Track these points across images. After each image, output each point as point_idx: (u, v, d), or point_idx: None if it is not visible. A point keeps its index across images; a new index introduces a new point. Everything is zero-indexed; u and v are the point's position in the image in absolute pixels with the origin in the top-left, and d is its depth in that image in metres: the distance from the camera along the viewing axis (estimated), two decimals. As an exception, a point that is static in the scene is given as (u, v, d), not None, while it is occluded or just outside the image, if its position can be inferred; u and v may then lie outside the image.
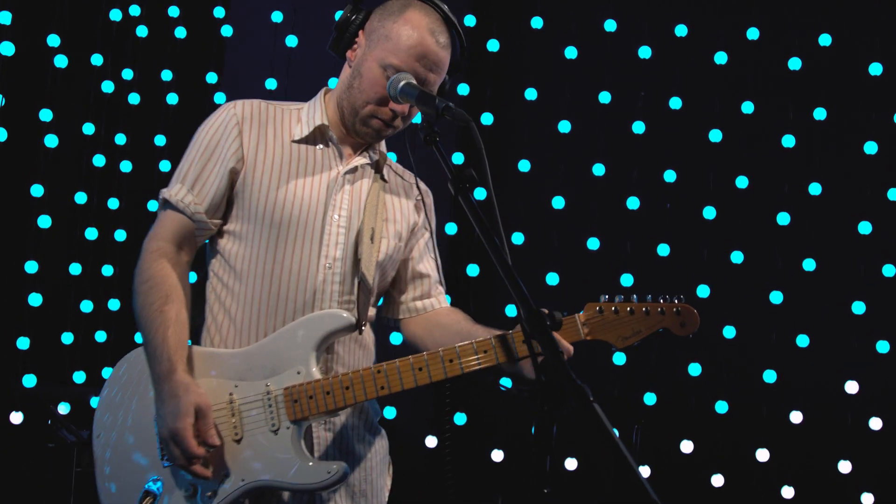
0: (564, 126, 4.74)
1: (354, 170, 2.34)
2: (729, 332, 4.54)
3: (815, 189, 4.54)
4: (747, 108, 4.60)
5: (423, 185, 2.48)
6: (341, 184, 2.32)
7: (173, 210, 2.28)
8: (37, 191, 4.54)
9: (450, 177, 1.94)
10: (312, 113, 2.34)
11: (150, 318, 2.19)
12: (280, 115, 2.34)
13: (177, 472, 2.17)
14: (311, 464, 2.15)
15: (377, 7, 2.33)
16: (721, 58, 4.61)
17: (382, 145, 2.43)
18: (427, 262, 2.51)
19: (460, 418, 4.66)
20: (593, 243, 4.69)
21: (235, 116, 2.29)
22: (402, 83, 2.16)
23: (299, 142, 2.32)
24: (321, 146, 2.33)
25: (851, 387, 4.44)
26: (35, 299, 4.51)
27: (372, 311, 2.40)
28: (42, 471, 4.12)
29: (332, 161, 2.33)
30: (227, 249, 2.30)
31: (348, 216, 2.31)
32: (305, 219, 2.26)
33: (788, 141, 4.54)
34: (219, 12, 4.89)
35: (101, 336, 4.76)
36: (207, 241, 2.36)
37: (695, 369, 4.52)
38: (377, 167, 2.41)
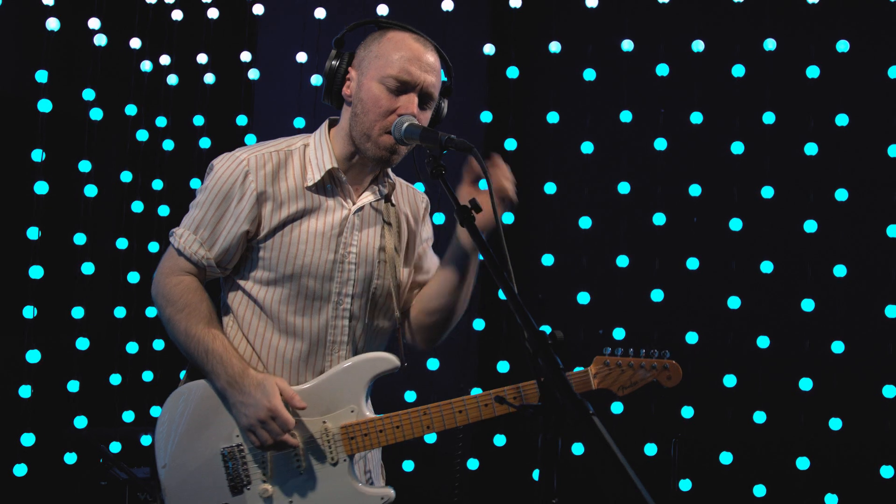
0: (587, 147, 4.80)
1: (363, 207, 2.44)
2: (763, 341, 4.55)
3: (841, 195, 4.55)
4: (768, 118, 4.63)
5: (420, 196, 2.62)
6: (352, 223, 2.41)
7: (185, 259, 2.41)
8: (79, 239, 4.70)
9: (455, 207, 2.03)
10: (321, 155, 2.41)
11: (200, 336, 2.35)
12: (289, 161, 2.40)
13: (244, 499, 2.34)
14: (366, 491, 2.39)
15: (359, 45, 2.43)
16: (739, 70, 4.65)
17: (391, 174, 2.52)
18: (426, 261, 2.63)
19: (500, 440, 4.72)
20: (622, 261, 4.74)
21: (250, 174, 2.36)
22: (405, 125, 2.26)
23: (312, 188, 2.40)
24: (332, 188, 2.42)
25: (889, 391, 4.42)
26: (83, 343, 4.66)
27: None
28: (96, 509, 4.28)
29: (343, 202, 2.42)
30: (249, 292, 2.43)
31: (358, 252, 2.42)
32: (318, 264, 2.38)
33: (811, 149, 4.56)
34: (245, 57, 5.05)
35: (147, 376, 4.90)
36: (222, 278, 2.49)
37: (730, 381, 4.54)
38: (387, 198, 2.50)
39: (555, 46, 4.86)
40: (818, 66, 4.56)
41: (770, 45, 4.65)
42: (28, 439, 4.43)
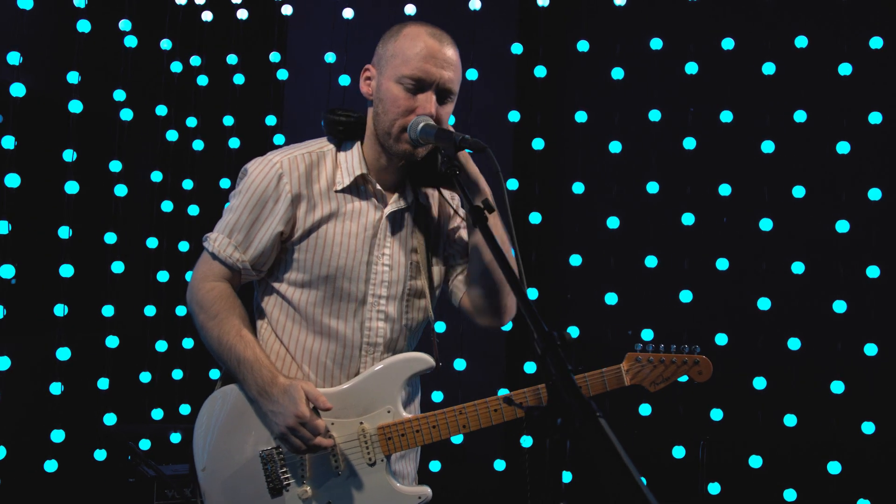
0: (616, 146, 4.77)
1: (396, 210, 2.44)
2: (794, 343, 4.49)
3: (874, 194, 4.48)
4: (800, 116, 4.56)
5: (448, 194, 2.58)
6: (385, 226, 2.41)
7: (220, 263, 2.41)
8: (110, 238, 4.75)
9: (468, 207, 2.02)
10: (351, 159, 2.41)
11: (233, 344, 2.36)
12: (322, 163, 2.40)
13: (282, 500, 2.36)
14: (403, 490, 2.40)
15: (378, 42, 2.43)
16: (769, 68, 4.60)
17: None
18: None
19: (527, 441, 4.70)
20: (651, 261, 4.70)
21: (285, 176, 2.35)
22: (420, 125, 2.25)
23: (342, 191, 2.40)
24: (364, 190, 2.41)
25: (924, 394, 4.35)
26: (112, 341, 4.71)
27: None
28: (124, 504, 4.33)
29: (375, 205, 2.42)
30: (284, 294, 2.43)
31: (392, 255, 2.42)
32: (352, 265, 2.38)
33: (843, 147, 4.49)
34: (275, 57, 5.08)
35: (177, 374, 4.94)
36: (257, 281, 2.49)
37: (760, 383, 4.48)
38: (417, 201, 2.50)
39: (583, 45, 4.84)
40: (850, 63, 4.48)
41: (801, 42, 4.59)
42: (58, 435, 4.48)
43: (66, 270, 4.53)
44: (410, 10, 4.85)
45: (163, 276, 4.91)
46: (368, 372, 2.40)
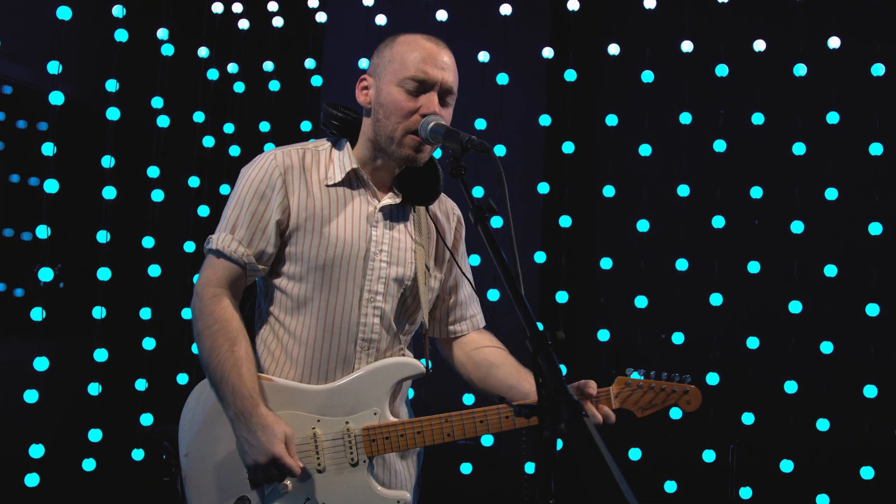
0: (646, 149, 4.76)
1: (389, 204, 2.46)
2: (826, 347, 4.44)
3: (908, 197, 4.43)
4: (832, 118, 4.52)
5: (451, 205, 2.62)
6: (378, 220, 2.44)
7: (226, 259, 2.40)
8: (147, 242, 4.86)
9: (471, 207, 2.05)
10: (343, 159, 2.45)
11: (221, 360, 2.33)
12: (314, 159, 2.45)
13: (262, 492, 2.36)
14: (383, 493, 2.40)
15: (372, 54, 2.46)
16: (800, 70, 4.56)
17: None
18: (462, 287, 2.65)
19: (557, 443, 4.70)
20: (682, 264, 4.68)
21: (278, 168, 2.39)
22: (430, 124, 2.28)
23: (335, 185, 2.43)
24: (357, 185, 2.45)
25: (960, 399, 4.28)
26: (149, 343, 4.81)
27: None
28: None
29: (367, 199, 2.45)
30: (280, 288, 2.45)
31: (389, 251, 2.44)
32: (349, 257, 2.40)
33: (876, 149, 4.44)
34: (310, 63, 5.15)
35: (214, 376, 5.02)
36: (258, 278, 2.52)
37: (791, 387, 4.44)
38: (409, 204, 2.51)
39: (613, 49, 4.84)
40: (883, 63, 4.43)
41: (834, 43, 4.55)
42: (96, 435, 4.59)
43: (104, 274, 4.64)
44: (442, 15, 4.90)
45: (199, 280, 4.99)
46: (359, 373, 2.41)
